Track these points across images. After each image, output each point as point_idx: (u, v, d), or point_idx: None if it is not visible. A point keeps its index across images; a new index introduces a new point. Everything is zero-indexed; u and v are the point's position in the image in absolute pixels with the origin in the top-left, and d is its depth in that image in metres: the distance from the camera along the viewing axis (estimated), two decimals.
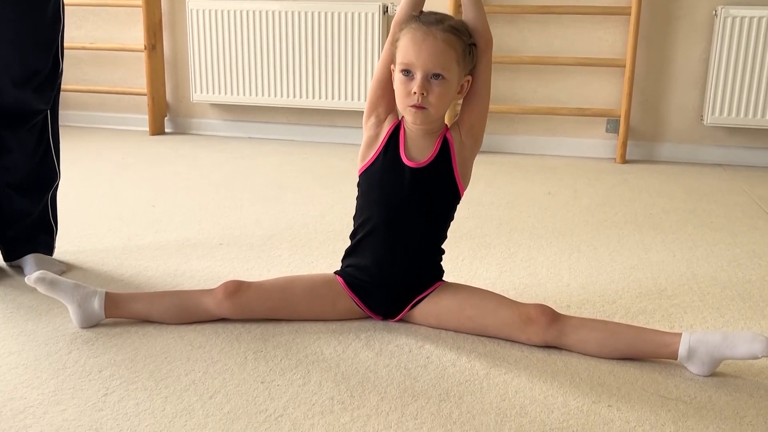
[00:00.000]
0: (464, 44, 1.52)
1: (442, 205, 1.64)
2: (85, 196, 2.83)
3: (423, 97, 1.49)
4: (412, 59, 1.49)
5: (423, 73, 1.49)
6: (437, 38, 1.48)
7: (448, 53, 1.49)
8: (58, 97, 2.00)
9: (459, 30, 1.52)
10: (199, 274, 1.98)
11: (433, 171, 1.59)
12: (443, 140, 1.60)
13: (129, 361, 1.46)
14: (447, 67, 1.50)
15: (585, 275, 2.02)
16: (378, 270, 1.64)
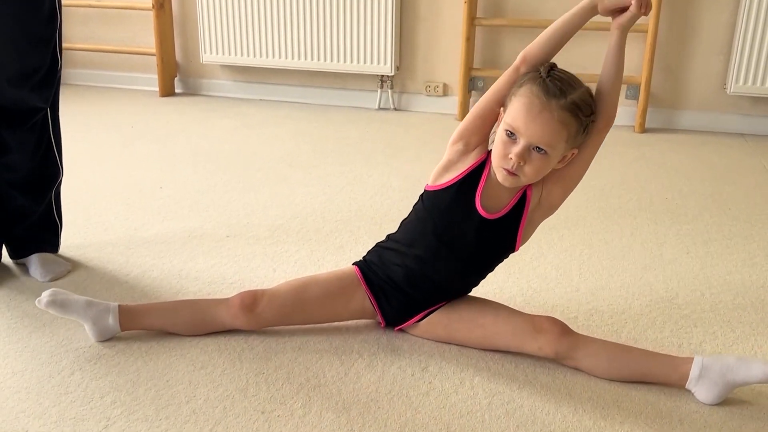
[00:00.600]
0: (581, 123, 1.42)
1: (494, 256, 1.61)
2: (93, 175, 2.81)
3: (519, 166, 1.42)
4: (520, 127, 1.40)
5: (526, 143, 1.40)
6: (553, 115, 1.38)
7: (559, 132, 1.39)
8: (57, 94, 1.95)
9: (580, 107, 1.40)
10: (204, 274, 1.97)
11: (502, 225, 1.54)
12: (522, 195, 1.54)
13: (131, 385, 1.46)
14: (554, 144, 1.41)
15: (595, 278, 1.98)
16: (407, 286, 1.61)
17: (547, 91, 1.38)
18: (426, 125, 3.84)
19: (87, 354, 1.57)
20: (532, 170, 1.43)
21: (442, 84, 4.07)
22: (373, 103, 4.17)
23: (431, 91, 4.09)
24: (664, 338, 1.68)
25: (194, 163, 3.01)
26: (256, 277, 1.96)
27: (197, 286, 1.90)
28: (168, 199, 2.56)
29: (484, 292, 1.85)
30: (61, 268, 1.95)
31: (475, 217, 1.53)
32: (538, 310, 1.78)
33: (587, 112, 1.43)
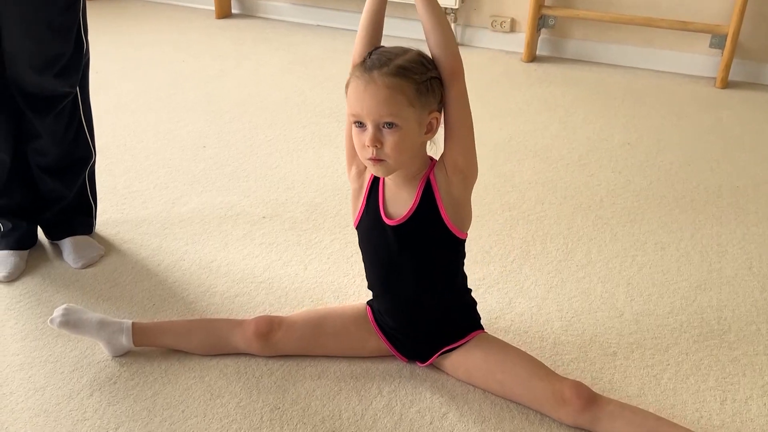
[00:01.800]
0: (417, 83, 1.32)
1: (441, 256, 1.50)
2: (138, 125, 2.76)
3: (377, 149, 1.33)
4: (357, 110, 1.33)
5: (373, 124, 1.33)
6: (379, 85, 1.30)
7: (394, 99, 1.30)
8: (86, 78, 1.89)
9: (408, 68, 1.32)
10: (235, 268, 1.93)
11: (417, 224, 1.44)
12: (426, 184, 1.43)
13: (147, 414, 1.46)
14: (396, 113, 1.31)
15: (643, 298, 1.85)
16: (396, 322, 1.57)
17: (367, 67, 1.32)
18: (488, 65, 3.61)
19: (108, 371, 1.56)
20: (392, 148, 1.33)
21: (510, 19, 3.80)
22: None
23: (497, 26, 3.83)
24: (707, 390, 1.56)
25: (240, 114, 2.92)
26: (286, 275, 1.91)
27: (225, 285, 1.86)
28: (209, 162, 2.50)
29: (521, 311, 1.76)
30: (94, 254, 1.94)
31: (387, 231, 1.46)
32: (575, 340, 1.69)
33: (419, 71, 1.32)
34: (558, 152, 2.67)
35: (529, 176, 2.48)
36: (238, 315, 1.75)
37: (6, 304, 1.76)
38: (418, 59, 1.34)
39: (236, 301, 1.80)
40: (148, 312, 1.75)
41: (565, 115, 3.02)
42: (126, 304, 1.78)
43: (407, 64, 1.32)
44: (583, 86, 3.35)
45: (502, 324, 1.74)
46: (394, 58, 1.32)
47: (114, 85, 3.19)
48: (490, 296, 1.84)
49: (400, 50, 1.36)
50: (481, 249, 2.05)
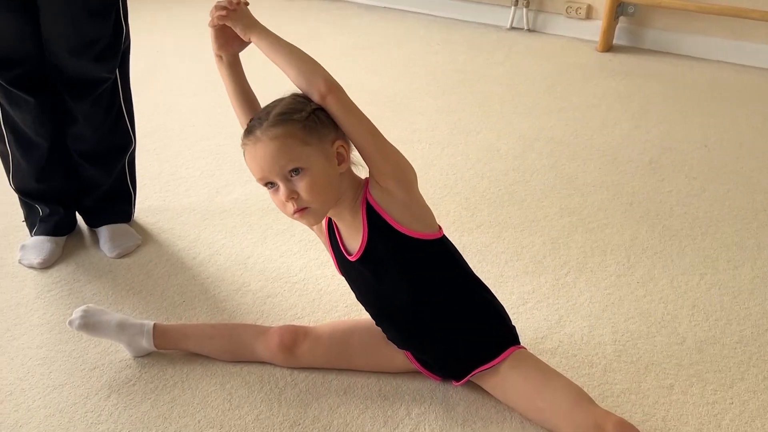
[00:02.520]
0: (300, 121, 1.26)
1: (419, 267, 1.37)
2: (196, 105, 2.71)
3: (295, 200, 1.27)
4: (260, 173, 1.28)
5: (280, 179, 1.26)
6: (265, 141, 1.25)
7: (285, 146, 1.25)
8: (127, 64, 1.82)
9: (285, 112, 1.27)
10: (270, 266, 1.85)
11: (377, 248, 1.34)
12: (367, 207, 1.33)
13: (162, 421, 1.39)
14: (295, 157, 1.25)
15: (709, 324, 1.68)
16: (415, 349, 1.46)
17: (250, 131, 1.29)
18: (559, 54, 3.42)
19: (128, 371, 1.51)
20: (308, 192, 1.26)
21: (587, 5, 3.58)
22: (505, 21, 3.76)
23: (572, 12, 3.62)
24: None
25: None
26: (322, 276, 1.81)
27: (259, 283, 1.78)
28: None
29: (572, 331, 1.62)
30: (130, 243, 1.89)
31: (356, 267, 1.38)
32: (628, 368, 1.54)
33: (297, 109, 1.27)
34: (627, 153, 2.48)
35: (594, 178, 2.31)
36: (269, 317, 1.67)
37: (37, 292, 1.73)
38: (291, 100, 1.30)
39: (268, 302, 1.72)
40: (177, 308, 1.69)
41: (639, 112, 2.81)
42: (156, 298, 1.72)
43: (284, 108, 1.28)
44: (662, 80, 3.13)
45: (549, 345, 1.60)
46: (270, 110, 1.29)
47: (176, 66, 3.15)
48: (539, 312, 1.71)
49: (275, 102, 1.31)
50: (533, 258, 1.91)
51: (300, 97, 1.29)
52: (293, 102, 1.29)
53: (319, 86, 1.26)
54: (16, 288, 1.75)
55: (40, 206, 1.88)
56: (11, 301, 1.70)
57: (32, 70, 1.69)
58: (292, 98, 1.30)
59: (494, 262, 1.89)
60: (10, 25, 1.62)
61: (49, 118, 1.77)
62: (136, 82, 2.90)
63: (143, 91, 2.85)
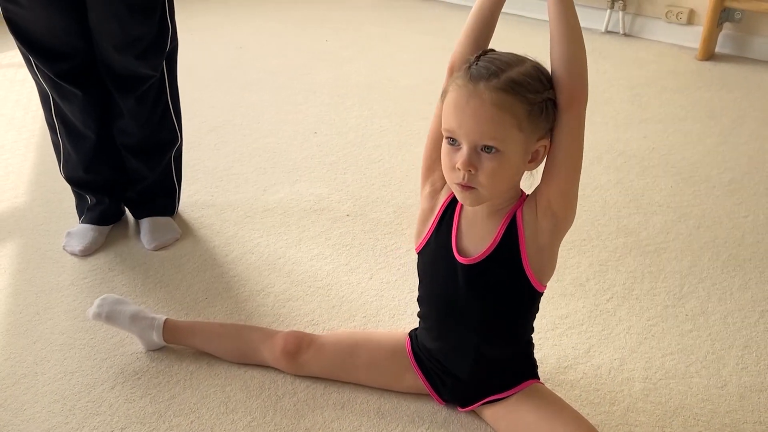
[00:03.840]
0: (530, 103, 1.09)
1: (512, 306, 1.27)
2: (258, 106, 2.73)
3: (470, 174, 1.12)
4: (454, 126, 1.11)
5: (469, 145, 1.11)
6: (485, 101, 1.08)
7: (500, 119, 1.08)
8: (174, 62, 1.85)
9: (521, 84, 1.08)
10: (299, 268, 1.82)
11: (493, 266, 1.22)
12: (510, 222, 1.20)
13: (156, 419, 1.39)
14: (500, 136, 1.09)
15: (759, 369, 1.51)
16: (444, 360, 1.37)
17: (472, 76, 1.10)
18: (655, 61, 3.22)
19: (136, 364, 1.52)
20: (487, 176, 1.11)
21: (688, 10, 3.35)
22: (600, 24, 3.58)
23: (673, 17, 3.39)
24: None
25: (362, 100, 2.81)
26: (347, 283, 1.77)
27: (283, 286, 1.76)
28: (314, 150, 2.42)
29: (600, 363, 1.50)
30: (168, 236, 1.92)
31: (457, 267, 1.24)
32: (654, 410, 1.40)
33: (535, 88, 1.09)
34: (706, 171, 2.28)
35: (662, 197, 2.14)
36: (284, 321, 1.64)
37: (72, 279, 1.79)
38: (535, 74, 1.11)
39: (287, 305, 1.70)
40: (198, 305, 1.70)
41: (730, 127, 2.59)
42: (181, 293, 1.74)
43: (521, 78, 1.09)
44: (763, 94, 2.87)
45: (572, 375, 1.49)
46: (506, 68, 1.09)
47: (253, 61, 3.20)
48: (567, 339, 1.59)
49: (514, 59, 1.12)
50: (575, 280, 1.78)
51: (543, 75, 1.12)
52: (534, 75, 1.10)
53: (577, 85, 1.10)
54: (56, 273, 1.81)
55: (89, 196, 1.94)
56: (47, 286, 1.76)
57: (80, 64, 1.74)
58: (535, 70, 1.12)
59: None
60: (59, 21, 1.67)
61: (96, 111, 1.82)
62: (213, 79, 2.98)
63: (218, 87, 2.91)
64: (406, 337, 1.44)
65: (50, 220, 2.02)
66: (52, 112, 1.83)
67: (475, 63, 1.11)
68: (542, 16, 3.73)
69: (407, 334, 1.44)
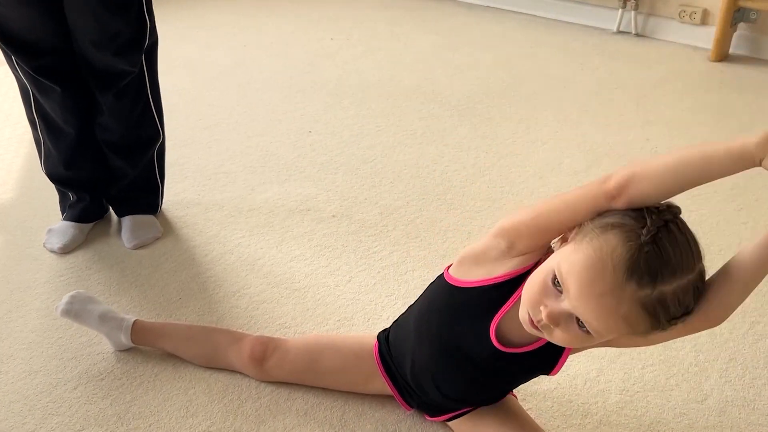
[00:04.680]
0: (659, 324, 0.95)
1: (518, 380, 1.28)
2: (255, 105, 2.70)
3: (547, 326, 1.00)
4: (571, 290, 0.95)
5: (570, 311, 0.97)
6: (620, 306, 0.92)
7: (617, 327, 0.95)
8: (154, 59, 1.82)
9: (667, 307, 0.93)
10: (277, 269, 1.79)
11: (526, 358, 1.15)
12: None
13: (115, 421, 1.36)
14: (604, 333, 0.98)
15: (743, 383, 1.44)
16: (417, 387, 1.31)
17: (630, 268, 0.91)
18: (667, 61, 3.14)
19: (101, 365, 1.50)
20: (563, 339, 1.01)
21: (702, 10, 3.26)
22: (611, 24, 3.50)
23: (686, 17, 3.30)
24: None
25: (361, 99, 2.77)
26: (325, 285, 1.73)
27: (259, 287, 1.73)
28: (307, 149, 2.38)
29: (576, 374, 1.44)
30: (149, 235, 1.90)
31: (486, 343, 1.13)
32: (628, 423, 1.35)
33: (674, 313, 0.94)
34: None
35: None
36: (256, 323, 1.61)
37: (48, 276, 1.77)
38: (688, 295, 0.94)
39: (261, 307, 1.66)
40: (172, 305, 1.67)
41: (737, 131, 2.51)
42: (155, 293, 1.71)
43: (671, 299, 0.92)
44: None
45: (545, 386, 1.44)
46: (666, 276, 0.91)
47: (255, 60, 3.18)
48: None
49: (684, 258, 0.93)
50: None
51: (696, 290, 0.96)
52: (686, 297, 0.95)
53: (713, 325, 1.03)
54: (33, 270, 1.80)
55: (70, 193, 1.93)
56: (23, 283, 1.75)
57: (58, 60, 1.73)
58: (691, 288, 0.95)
59: None
60: (36, 16, 1.66)
61: (76, 107, 1.80)
62: (214, 77, 2.97)
63: (218, 86, 2.90)
64: (374, 340, 1.39)
65: (34, 216, 2.01)
66: (32, 108, 1.82)
67: (648, 243, 0.91)
68: (554, 15, 3.66)
69: (376, 336, 1.40)
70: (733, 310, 1.01)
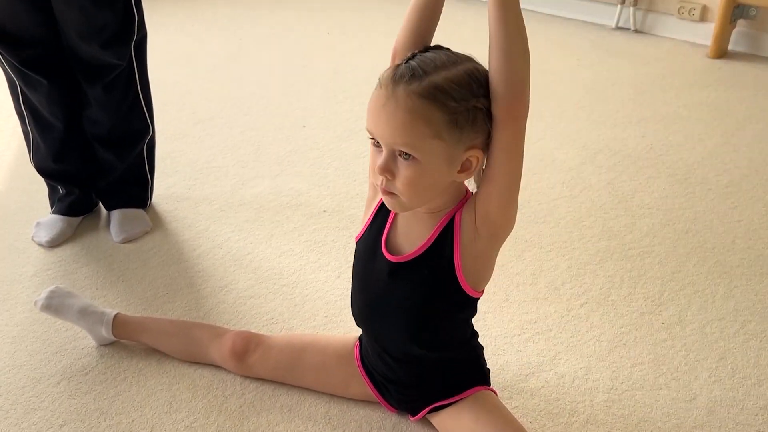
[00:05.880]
0: (452, 111, 1.01)
1: (442, 311, 1.21)
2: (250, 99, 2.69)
3: (388, 180, 1.06)
4: (371, 128, 1.07)
5: (387, 149, 1.05)
6: (399, 105, 1.01)
7: (413, 126, 1.01)
8: (143, 52, 1.81)
9: (444, 90, 1.00)
10: (265, 265, 1.77)
11: (423, 268, 1.16)
12: (448, 224, 1.14)
13: (98, 416, 1.35)
14: (415, 144, 1.02)
15: (732, 382, 1.43)
16: (382, 365, 1.31)
17: (395, 75, 1.03)
18: (664, 58, 3.12)
19: (85, 360, 1.49)
20: (404, 185, 1.06)
21: (701, 6, 3.23)
22: (610, 20, 3.47)
23: (685, 13, 3.28)
24: None
25: (357, 94, 2.75)
26: (314, 281, 1.72)
27: (247, 282, 1.71)
28: (300, 144, 2.37)
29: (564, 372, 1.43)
30: (138, 229, 1.89)
31: (382, 263, 1.19)
32: (615, 422, 1.33)
33: (460, 96, 1.01)
34: (703, 173, 2.19)
35: (652, 200, 2.05)
36: (242, 319, 1.60)
37: (35, 270, 1.76)
38: (465, 79, 1.02)
39: (248, 303, 1.65)
40: (158, 300, 1.66)
41: (733, 128, 2.49)
42: (142, 288, 1.70)
43: (446, 83, 1.01)
44: None
45: (532, 384, 1.42)
46: (432, 71, 1.02)
47: (251, 54, 3.16)
48: (534, 345, 1.52)
49: (447, 61, 1.04)
50: (550, 283, 1.71)
51: (475, 81, 1.03)
52: (464, 80, 1.02)
53: (517, 105, 1.02)
54: (20, 263, 1.78)
55: (59, 186, 1.91)
56: (9, 277, 1.73)
57: (45, 52, 1.71)
58: (467, 75, 1.03)
59: (504, 283, 1.71)
60: (22, 8, 1.64)
61: (64, 100, 1.79)
62: (209, 71, 2.95)
63: (213, 80, 2.88)
64: (356, 341, 1.38)
65: (23, 209, 2.00)
66: (20, 101, 1.80)
67: (406, 61, 1.04)
68: (552, 11, 3.64)
69: (358, 338, 1.39)
70: (519, 84, 1.01)
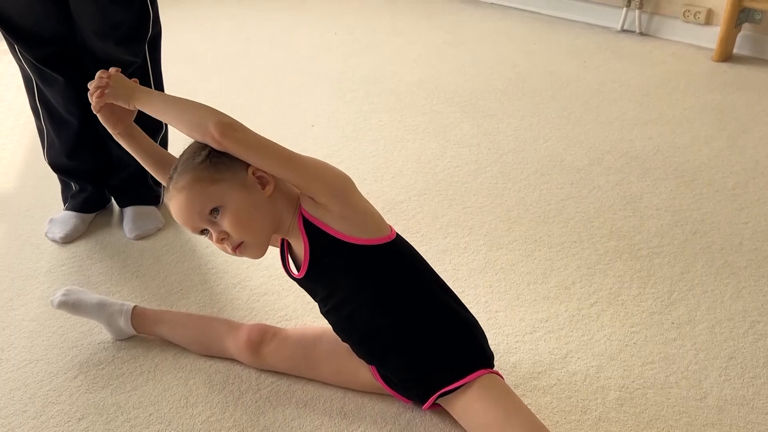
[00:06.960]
0: (203, 162, 1.21)
1: (372, 274, 1.27)
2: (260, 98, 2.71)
3: (227, 240, 1.23)
4: (187, 225, 1.25)
5: (206, 224, 1.23)
6: (177, 194, 1.23)
7: (195, 191, 1.21)
8: (157, 49, 1.83)
9: (188, 158, 1.23)
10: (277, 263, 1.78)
11: (321, 263, 1.27)
12: (305, 223, 1.26)
13: (114, 410, 1.37)
14: (207, 199, 1.21)
15: (743, 381, 1.44)
16: (379, 363, 1.35)
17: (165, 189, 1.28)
18: (669, 61, 3.13)
19: (102, 354, 1.50)
20: (233, 228, 1.21)
21: (706, 10, 3.25)
22: (616, 23, 3.49)
23: (690, 16, 3.30)
24: None
25: (365, 94, 2.77)
26: None
27: (260, 279, 1.73)
28: (308, 143, 2.38)
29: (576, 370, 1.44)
30: (151, 226, 1.90)
31: (305, 283, 1.34)
32: (627, 420, 1.35)
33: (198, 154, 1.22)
34: (709, 174, 2.21)
35: (661, 201, 2.07)
36: (256, 315, 1.61)
37: (50, 266, 1.77)
38: (194, 145, 1.25)
39: (262, 300, 1.67)
40: (172, 296, 1.68)
41: (739, 131, 2.51)
42: (156, 284, 1.71)
43: (186, 155, 1.24)
44: None
45: (544, 382, 1.44)
46: (177, 163, 1.26)
47: (258, 53, 3.18)
48: (545, 344, 1.54)
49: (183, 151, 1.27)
50: (560, 283, 1.73)
51: (195, 145, 1.25)
52: (194, 146, 1.25)
53: (212, 133, 1.18)
54: (35, 259, 1.80)
55: (73, 182, 1.93)
56: (24, 272, 1.75)
57: (61, 50, 1.73)
58: (194, 143, 1.25)
59: (514, 282, 1.73)
60: (39, 6, 1.66)
61: (79, 97, 1.80)
62: (217, 70, 2.97)
63: (221, 78, 2.89)
64: None
65: (36, 205, 2.02)
66: (35, 97, 1.82)
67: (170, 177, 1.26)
68: (558, 13, 3.66)
69: None
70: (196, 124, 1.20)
